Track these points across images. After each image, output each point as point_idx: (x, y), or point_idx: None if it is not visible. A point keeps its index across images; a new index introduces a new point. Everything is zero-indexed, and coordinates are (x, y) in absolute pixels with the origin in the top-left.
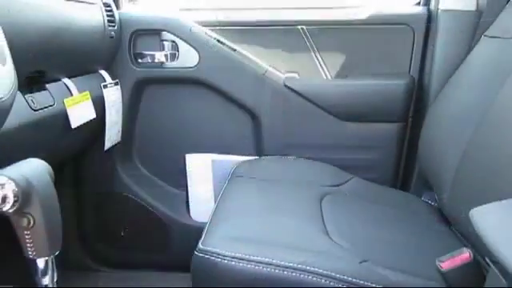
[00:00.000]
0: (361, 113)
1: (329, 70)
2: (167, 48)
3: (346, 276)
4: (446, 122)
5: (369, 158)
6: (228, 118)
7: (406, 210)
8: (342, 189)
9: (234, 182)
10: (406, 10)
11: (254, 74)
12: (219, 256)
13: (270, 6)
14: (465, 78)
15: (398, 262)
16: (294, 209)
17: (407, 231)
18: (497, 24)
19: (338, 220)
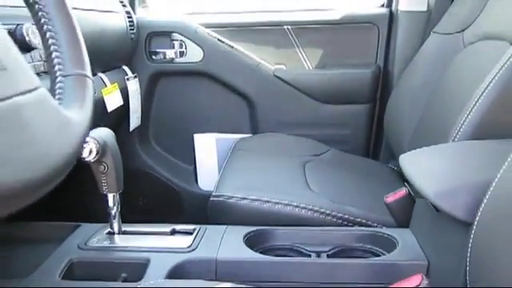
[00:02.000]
0: (336, 96)
1: (310, 62)
2: (176, 46)
3: (320, 208)
4: (404, 101)
5: (344, 134)
6: (228, 103)
7: (372, 172)
8: (321, 157)
9: (235, 155)
10: (372, 11)
11: (248, 67)
12: (231, 197)
13: (261, 10)
14: (418, 66)
15: (360, 202)
16: (284, 171)
17: (370, 185)
18: (441, 22)
19: (316, 177)
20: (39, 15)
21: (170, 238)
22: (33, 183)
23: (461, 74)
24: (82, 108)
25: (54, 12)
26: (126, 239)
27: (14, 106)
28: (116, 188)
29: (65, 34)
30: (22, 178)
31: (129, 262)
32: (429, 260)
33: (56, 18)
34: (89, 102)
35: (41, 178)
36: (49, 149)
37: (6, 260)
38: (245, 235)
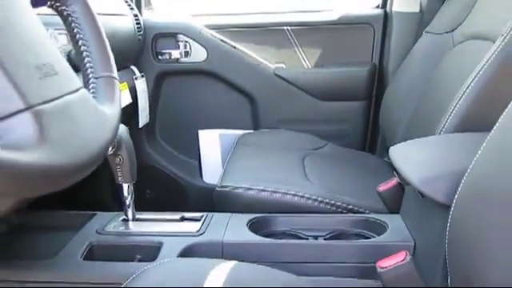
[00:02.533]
0: (334, 93)
1: (309, 61)
2: (182, 47)
3: (318, 197)
4: (398, 98)
5: (341, 129)
6: (231, 100)
7: (367, 165)
8: (319, 151)
9: (238, 150)
10: (368, 12)
11: (250, 66)
12: (235, 188)
13: (262, 12)
14: (411, 64)
15: (354, 192)
16: (284, 164)
17: (364, 176)
18: (433, 23)
19: (314, 169)
20: (72, 26)
21: (180, 224)
22: (78, 166)
23: (449, 71)
24: (112, 104)
25: (84, 23)
26: (139, 225)
27: (65, 103)
28: (130, 178)
29: (94, 43)
30: (71, 161)
31: (143, 245)
32: (415, 241)
33: (87, 29)
34: (117, 100)
35: (85, 162)
36: (91, 138)
37: (30, 244)
38: (248, 221)
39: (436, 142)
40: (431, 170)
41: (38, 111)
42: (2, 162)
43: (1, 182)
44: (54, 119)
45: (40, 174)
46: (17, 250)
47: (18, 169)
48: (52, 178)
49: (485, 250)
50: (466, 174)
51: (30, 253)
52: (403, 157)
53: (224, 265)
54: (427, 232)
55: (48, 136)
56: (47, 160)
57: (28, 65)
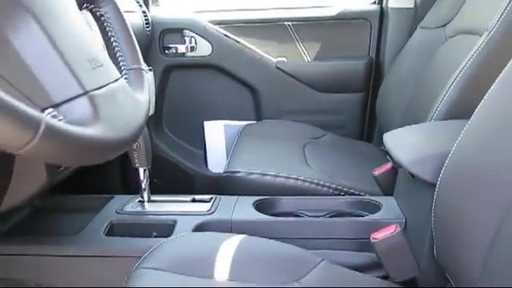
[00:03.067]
0: (333, 86)
1: (309, 55)
2: (187, 42)
3: (318, 181)
4: (394, 89)
5: (340, 119)
6: (235, 92)
7: (364, 152)
8: (319, 140)
9: (242, 139)
10: (365, 7)
11: (253, 59)
12: (241, 172)
13: (264, 8)
14: (406, 57)
15: (351, 176)
16: (286, 151)
17: (361, 162)
18: (426, 18)
19: (314, 157)
20: (105, 25)
21: (191, 205)
22: (123, 141)
23: (441, 64)
24: (142, 92)
25: (115, 23)
26: (154, 206)
27: (110, 90)
28: (146, 163)
29: (124, 39)
30: (118, 136)
31: (159, 223)
32: (406, 218)
33: (117, 28)
34: (146, 88)
35: (127, 138)
36: (130, 119)
37: (54, 224)
38: (254, 203)
39: (425, 128)
40: (420, 153)
41: (92, 96)
42: (69, 134)
43: (67, 151)
44: (104, 102)
45: (96, 146)
46: (42, 230)
47: (81, 140)
48: (104, 149)
49: (465, 221)
50: (449, 155)
51: (55, 231)
52: (396, 142)
53: (234, 238)
54: (417, 209)
55: (100, 116)
56: (101, 134)
57: (82, 58)
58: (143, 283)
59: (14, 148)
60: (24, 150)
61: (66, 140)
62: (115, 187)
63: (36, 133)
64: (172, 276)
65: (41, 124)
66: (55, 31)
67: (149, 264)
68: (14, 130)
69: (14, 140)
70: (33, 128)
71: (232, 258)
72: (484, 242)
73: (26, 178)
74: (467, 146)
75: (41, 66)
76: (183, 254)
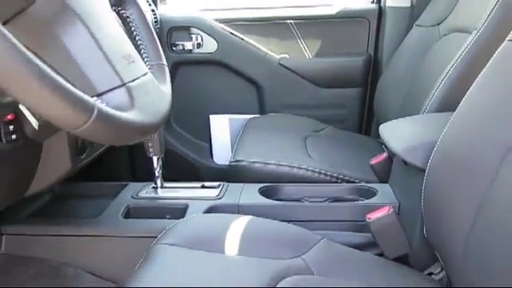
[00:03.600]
0: (333, 81)
1: (310, 52)
2: (194, 39)
3: (319, 170)
4: (391, 84)
5: (340, 113)
6: (239, 88)
7: (362, 144)
8: (320, 133)
9: (246, 132)
10: (364, 6)
11: (257, 56)
12: (246, 161)
13: (267, 7)
14: (402, 54)
15: (350, 165)
16: (288, 143)
17: (359, 153)
18: (422, 17)
19: (315, 148)
20: (130, 25)
21: (201, 191)
22: (154, 125)
23: (435, 61)
24: (165, 85)
25: (139, 23)
26: (167, 192)
27: (141, 82)
28: (159, 152)
29: (147, 38)
30: (150, 121)
31: (172, 207)
32: (399, 202)
33: (141, 28)
34: (168, 81)
35: (157, 123)
36: (158, 107)
37: (75, 208)
38: (259, 189)
39: (417, 119)
40: (411, 142)
41: (128, 87)
42: (115, 118)
43: (112, 132)
44: (138, 93)
45: (134, 129)
46: (63, 213)
47: (123, 123)
48: (139, 131)
49: (450, 203)
50: (437, 143)
51: (76, 215)
52: (390, 132)
53: (242, 218)
54: (409, 193)
55: (135, 104)
56: (137, 119)
57: (119, 55)
58: (162, 256)
59: (71, 127)
60: (79, 130)
61: (113, 123)
62: (123, 175)
63: (91, 116)
64: (188, 251)
65: (94, 109)
66: (97, 31)
67: (166, 240)
68: (73, 113)
69: (73, 121)
70: (88, 111)
71: (240, 235)
72: (466, 222)
73: (51, 166)
74: (452, 134)
75: (87, 61)
76: (197, 231)
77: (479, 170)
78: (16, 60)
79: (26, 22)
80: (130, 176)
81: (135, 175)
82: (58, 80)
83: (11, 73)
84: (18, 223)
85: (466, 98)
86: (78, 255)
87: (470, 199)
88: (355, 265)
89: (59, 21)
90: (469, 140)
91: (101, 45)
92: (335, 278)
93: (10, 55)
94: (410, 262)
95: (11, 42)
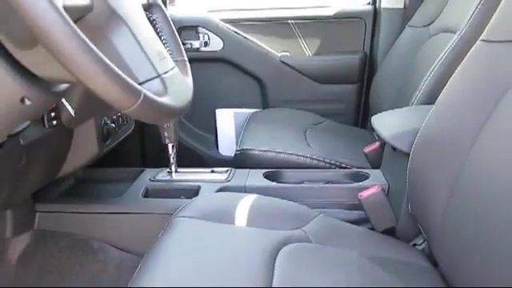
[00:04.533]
0: (331, 78)
1: (310, 50)
2: (201, 38)
3: (317, 157)
4: (385, 81)
5: (338, 108)
6: (243, 83)
7: (358, 136)
8: (319, 126)
9: (250, 125)
10: (360, 8)
11: (260, 54)
12: (252, 150)
13: (270, 8)
14: (396, 53)
15: (345, 154)
16: (289, 134)
17: (355, 144)
18: (414, 18)
19: (314, 139)
20: (156, 27)
21: (211, 175)
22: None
23: (424, 59)
24: (188, 77)
25: (164, 25)
26: (181, 175)
27: (171, 75)
28: (174, 139)
29: (171, 38)
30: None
31: (186, 188)
32: (389, 184)
33: (166, 29)
34: (190, 74)
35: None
36: (185, 95)
37: (99, 190)
38: (263, 174)
39: (405, 111)
40: (399, 129)
41: (162, 78)
42: (156, 102)
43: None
44: (169, 83)
45: (168, 111)
46: (89, 194)
47: (162, 106)
48: (172, 113)
49: (430, 181)
50: (420, 130)
51: (100, 195)
52: (381, 122)
53: (250, 196)
54: (397, 175)
55: (168, 91)
56: (170, 103)
57: (154, 51)
58: (181, 227)
59: (124, 108)
60: (129, 110)
61: (153, 106)
62: (134, 163)
63: (138, 99)
64: (203, 222)
65: (141, 94)
66: (137, 32)
67: (184, 214)
68: (126, 96)
69: (126, 102)
70: (137, 96)
71: (248, 210)
72: (443, 197)
73: (80, 150)
74: (433, 122)
75: (130, 57)
76: (211, 206)
77: (454, 150)
78: (88, 55)
79: (84, 26)
80: (141, 163)
81: (145, 163)
82: (116, 70)
83: (86, 65)
84: (49, 202)
85: (444, 91)
86: (103, 230)
87: (447, 176)
88: (348, 235)
89: (109, 25)
90: (445, 126)
91: (140, 44)
92: (330, 246)
93: (84, 52)
94: (396, 235)
95: (84, 41)
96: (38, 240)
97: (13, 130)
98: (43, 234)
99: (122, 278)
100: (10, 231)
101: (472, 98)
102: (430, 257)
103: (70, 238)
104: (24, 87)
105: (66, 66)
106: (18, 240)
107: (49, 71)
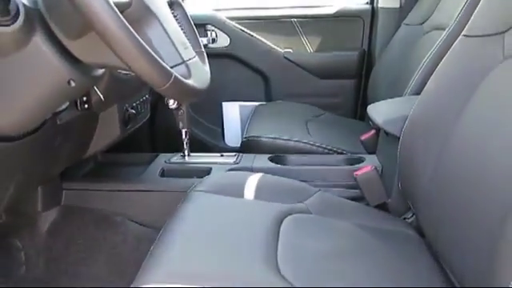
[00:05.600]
0: (331, 73)
1: (311, 47)
2: (209, 35)
3: (317, 143)
4: (382, 76)
5: (337, 101)
6: (248, 78)
7: (355, 127)
8: (319, 118)
9: (255, 116)
10: (359, 7)
11: (264, 50)
12: (257, 137)
13: (274, 7)
14: (392, 49)
15: (343, 142)
16: (292, 124)
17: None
18: (409, 17)
19: (314, 128)
20: (178, 22)
21: (221, 158)
22: (202, 90)
23: (417, 55)
24: (205, 65)
25: (184, 21)
26: (193, 158)
27: (194, 61)
28: (187, 125)
29: (190, 33)
30: (201, 87)
31: (198, 169)
32: (382, 166)
33: (185, 24)
34: (207, 62)
35: (204, 89)
36: (204, 79)
37: (118, 171)
38: (268, 158)
39: (397, 100)
40: (391, 116)
41: (187, 64)
42: (183, 83)
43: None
44: (192, 68)
45: (192, 91)
46: (109, 175)
47: (186, 86)
48: (196, 93)
49: (416, 160)
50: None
51: (120, 176)
52: (376, 110)
53: (257, 174)
54: (390, 158)
55: (192, 75)
56: (194, 85)
57: (180, 42)
58: (197, 199)
59: (157, 87)
60: (162, 89)
61: (182, 86)
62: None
63: (170, 79)
64: (216, 196)
65: (172, 75)
66: (166, 26)
67: (200, 188)
68: (161, 77)
69: (159, 82)
70: (169, 76)
71: (256, 185)
72: (428, 173)
73: (104, 133)
74: (420, 107)
75: (161, 46)
76: (223, 182)
77: (437, 133)
78: (132, 42)
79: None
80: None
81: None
82: (153, 54)
83: (130, 50)
84: (75, 181)
85: (429, 81)
86: (123, 206)
87: (431, 156)
88: (344, 209)
89: (143, 19)
90: (430, 111)
91: (169, 35)
92: (328, 217)
93: (129, 39)
94: (389, 210)
95: (129, 30)
96: (64, 215)
97: (56, 109)
98: (70, 210)
99: (140, 249)
100: (40, 206)
101: (453, 87)
102: (418, 229)
103: (94, 213)
104: (71, 71)
105: (115, 50)
106: (47, 214)
107: (91, 58)
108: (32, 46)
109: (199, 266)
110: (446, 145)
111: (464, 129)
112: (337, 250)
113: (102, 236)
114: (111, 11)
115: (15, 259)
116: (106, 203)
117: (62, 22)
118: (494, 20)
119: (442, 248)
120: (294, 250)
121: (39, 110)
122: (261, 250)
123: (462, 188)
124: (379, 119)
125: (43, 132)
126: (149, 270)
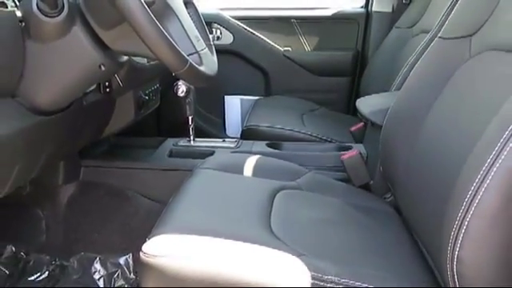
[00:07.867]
0: (327, 71)
1: (309, 46)
2: (214, 33)
3: (310, 132)
4: (374, 74)
5: (332, 97)
6: (250, 74)
7: (348, 121)
8: (314, 112)
9: (255, 109)
10: (354, 10)
11: (265, 48)
12: (256, 126)
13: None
14: (384, 50)
15: (334, 132)
16: (288, 117)
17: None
18: (400, 20)
19: (309, 121)
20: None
21: (223, 143)
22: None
23: (405, 55)
24: (214, 56)
25: (195, 17)
26: (198, 143)
27: (205, 52)
28: (192, 113)
29: (201, 28)
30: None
31: (203, 152)
32: (367, 153)
33: (197, 21)
34: (215, 54)
35: (213, 76)
36: (214, 68)
37: (130, 152)
38: (266, 143)
39: (383, 95)
40: (376, 107)
41: (199, 53)
42: (197, 68)
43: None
44: (204, 57)
45: (204, 76)
46: (123, 155)
47: (200, 72)
48: (206, 78)
49: (395, 146)
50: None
51: (132, 156)
52: (364, 103)
53: (255, 156)
54: (374, 145)
55: (203, 63)
56: (205, 71)
57: (193, 35)
58: (202, 175)
59: (175, 70)
60: (179, 72)
61: (196, 71)
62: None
63: (186, 65)
64: (219, 172)
65: (188, 61)
66: (183, 20)
67: (204, 166)
68: (178, 62)
69: (178, 66)
70: (185, 62)
71: (254, 165)
72: (404, 156)
73: (120, 116)
74: (399, 101)
75: (178, 38)
76: (225, 161)
77: (413, 121)
78: (157, 32)
79: None
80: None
81: (160, 130)
82: (173, 43)
83: (155, 38)
84: (92, 158)
85: (408, 78)
86: (135, 183)
87: (407, 141)
88: (332, 187)
89: (165, 14)
90: (407, 103)
91: (185, 29)
92: (317, 193)
93: (154, 29)
94: (371, 190)
95: (155, 22)
96: (82, 189)
97: (87, 89)
98: (87, 184)
99: (149, 221)
100: (61, 179)
101: (427, 83)
102: (396, 207)
103: (109, 188)
104: (102, 56)
105: (143, 39)
106: (67, 188)
107: (120, 46)
108: (72, 34)
109: (205, 224)
110: (418, 134)
111: (432, 121)
112: (323, 219)
113: (115, 208)
114: (143, 8)
115: (37, 227)
116: (120, 180)
117: (97, 15)
118: (464, 24)
119: (414, 223)
120: (286, 216)
121: (74, 89)
122: (257, 215)
123: (429, 172)
124: (366, 110)
125: (71, 111)
126: (163, 224)
